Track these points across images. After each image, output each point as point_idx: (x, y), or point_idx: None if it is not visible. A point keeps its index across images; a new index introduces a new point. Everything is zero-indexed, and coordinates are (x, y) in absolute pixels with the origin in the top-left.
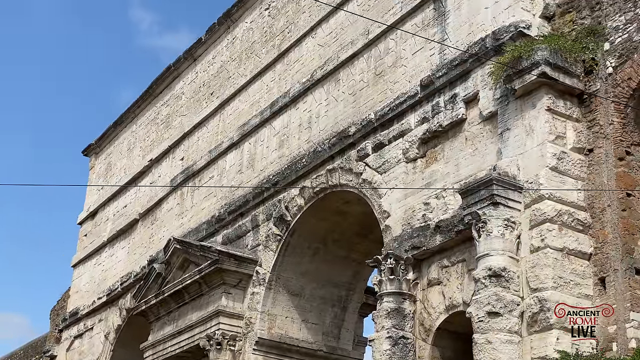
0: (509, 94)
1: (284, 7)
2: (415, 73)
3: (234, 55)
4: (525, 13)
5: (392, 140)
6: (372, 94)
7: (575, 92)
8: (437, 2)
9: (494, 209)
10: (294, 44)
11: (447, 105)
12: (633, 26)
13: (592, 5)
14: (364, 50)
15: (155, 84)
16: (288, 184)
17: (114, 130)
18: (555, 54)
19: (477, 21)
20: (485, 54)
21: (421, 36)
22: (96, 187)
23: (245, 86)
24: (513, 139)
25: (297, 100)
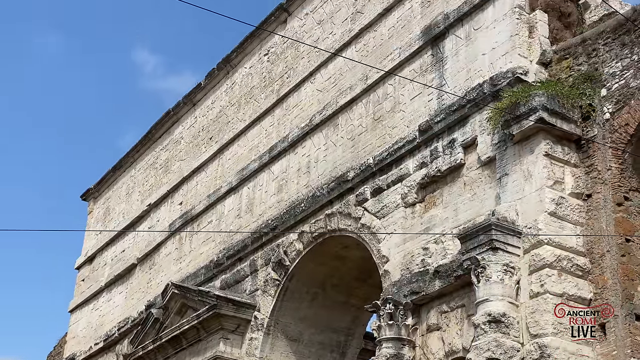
0: (507, 139)
1: (282, 52)
2: (414, 118)
3: (233, 100)
4: (522, 59)
5: (391, 185)
6: (370, 139)
7: (573, 137)
8: (435, 49)
9: (493, 254)
10: (293, 89)
11: (446, 150)
12: (629, 72)
13: (588, 51)
14: (362, 96)
15: (155, 128)
16: (287, 229)
17: (112, 175)
18: (552, 100)
19: (474, 67)
20: (483, 100)
21: (419, 82)
22: (94, 232)
23: (244, 131)
24: (511, 184)
25: (295, 145)
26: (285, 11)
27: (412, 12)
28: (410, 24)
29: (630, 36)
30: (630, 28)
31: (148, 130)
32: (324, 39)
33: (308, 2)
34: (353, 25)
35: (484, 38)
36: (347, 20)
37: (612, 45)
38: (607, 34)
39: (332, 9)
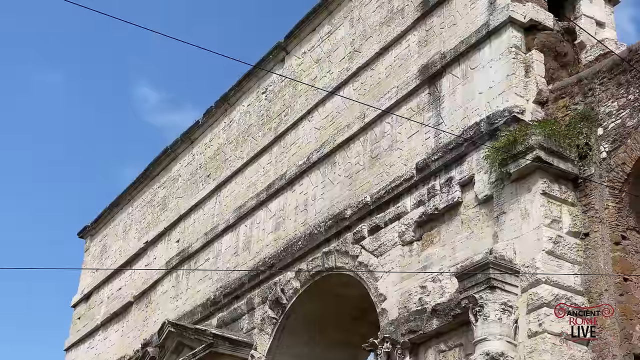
0: (504, 177)
1: (280, 91)
2: (411, 156)
3: (230, 138)
4: (518, 98)
5: (388, 223)
6: (368, 177)
7: (570, 176)
8: (432, 87)
9: (491, 292)
10: (291, 127)
11: (443, 188)
12: (626, 112)
13: (584, 91)
14: (360, 134)
15: (152, 166)
16: (284, 267)
17: (110, 212)
18: (549, 139)
19: (471, 106)
20: (480, 138)
21: (416, 121)
22: (91, 270)
23: (242, 168)
24: (509, 222)
25: (293, 182)
26: (283, 50)
27: (409, 51)
28: (408, 63)
29: (626, 76)
30: (626, 68)
31: (145, 168)
32: (321, 77)
33: (306, 41)
34: (350, 64)
35: (480, 77)
36: (344, 59)
37: (608, 85)
38: (603, 73)
39: (330, 48)
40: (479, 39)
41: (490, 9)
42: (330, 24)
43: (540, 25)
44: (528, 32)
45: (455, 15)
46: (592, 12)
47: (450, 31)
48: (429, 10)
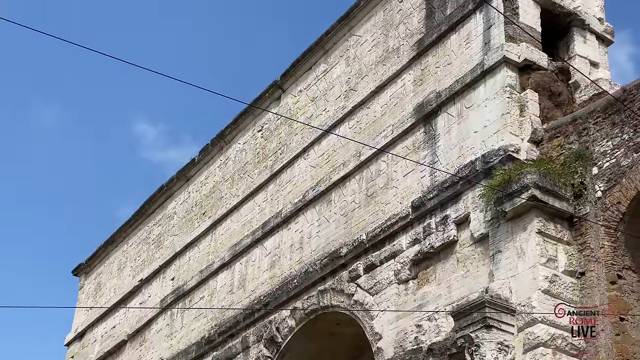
0: (499, 216)
1: (276, 129)
2: (407, 194)
3: (226, 176)
4: (513, 137)
5: (384, 262)
6: (363, 215)
7: (565, 215)
8: (427, 126)
9: (487, 332)
10: (287, 165)
11: (439, 226)
12: (620, 151)
13: (579, 130)
14: (355, 172)
15: (148, 204)
16: (279, 305)
17: (105, 250)
18: (544, 178)
19: (467, 144)
20: (475, 177)
21: (412, 160)
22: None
23: (238, 206)
24: (505, 261)
25: (289, 220)
26: (279, 88)
27: (404, 90)
28: (403, 102)
29: (621, 115)
30: (620, 108)
31: (141, 205)
32: (317, 115)
33: (302, 79)
34: (346, 102)
35: (475, 116)
36: (340, 98)
37: (603, 125)
38: (598, 113)
39: (326, 86)
40: (474, 78)
41: (484, 49)
42: (326, 62)
43: (535, 65)
44: (522, 71)
45: (450, 55)
46: (586, 52)
47: (446, 70)
48: (424, 49)
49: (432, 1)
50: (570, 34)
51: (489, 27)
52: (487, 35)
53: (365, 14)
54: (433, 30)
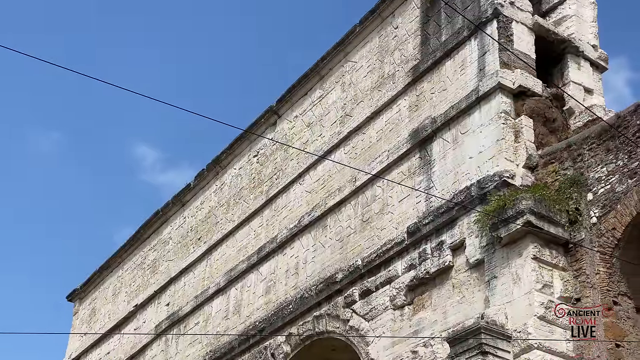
0: (495, 242)
1: (272, 154)
2: (402, 220)
3: (222, 201)
4: (509, 163)
5: (380, 287)
6: (359, 240)
7: (561, 241)
8: (422, 151)
9: (483, 358)
10: (282, 191)
11: (434, 252)
12: (615, 177)
13: (574, 156)
14: (351, 197)
15: (143, 229)
16: (274, 331)
17: (99, 275)
18: (539, 204)
19: (462, 170)
20: (470, 203)
21: (407, 186)
22: (79, 335)
23: (233, 232)
24: (500, 287)
25: (284, 246)
26: (275, 114)
27: (400, 116)
28: (399, 127)
29: (615, 142)
30: (614, 134)
31: (136, 230)
32: (313, 141)
33: (297, 105)
34: (342, 128)
35: (471, 142)
36: (336, 123)
37: (597, 151)
38: (592, 139)
39: (322, 112)
40: (469, 104)
41: (479, 75)
42: (321, 88)
43: (529, 92)
44: (517, 98)
45: (445, 81)
46: (580, 79)
47: (441, 96)
48: (420, 75)
49: (427, 28)
50: (564, 60)
51: (483, 54)
52: (481, 62)
53: (360, 40)
54: (428, 57)
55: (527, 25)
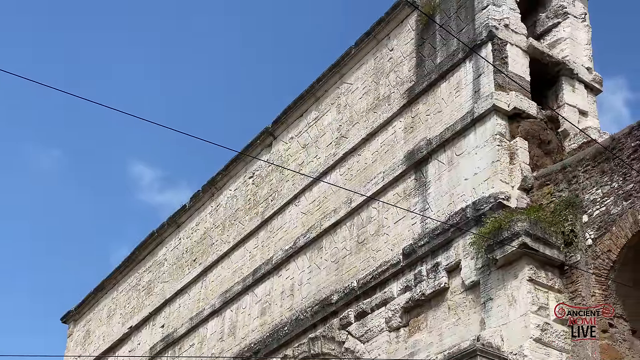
0: (490, 263)
1: (267, 175)
2: (398, 241)
3: (217, 222)
4: (504, 185)
5: (375, 309)
6: (354, 262)
7: (556, 263)
8: (418, 173)
9: None
10: (278, 212)
11: (430, 274)
12: (610, 199)
13: (569, 178)
14: (346, 219)
15: (138, 250)
16: (269, 353)
17: (94, 297)
18: (535, 225)
19: (457, 192)
20: (466, 224)
21: (402, 207)
22: (73, 357)
23: (228, 253)
24: (496, 309)
25: (279, 267)
26: (270, 135)
27: (395, 137)
28: (394, 149)
29: (610, 164)
30: (609, 156)
31: (131, 252)
32: (308, 162)
33: (293, 126)
34: (337, 149)
35: (466, 163)
36: (331, 145)
37: (592, 173)
38: (587, 161)
39: (317, 133)
40: (464, 126)
41: (474, 97)
42: (317, 110)
43: (524, 114)
44: (512, 119)
45: (441, 103)
46: (574, 101)
47: (436, 118)
48: (415, 97)
49: (422, 50)
50: (559, 82)
51: (478, 76)
52: (476, 84)
53: (356, 62)
54: (423, 79)
55: (522, 48)
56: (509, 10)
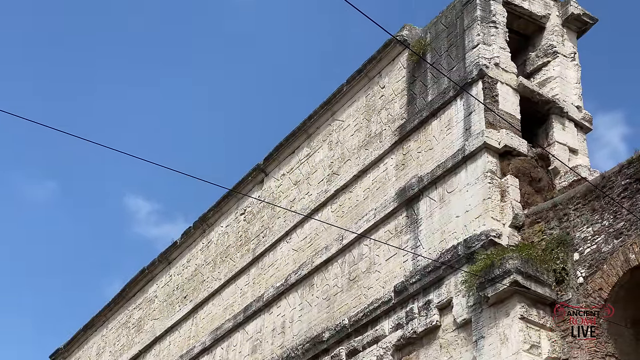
0: (482, 301)
1: (259, 212)
2: (389, 279)
3: (208, 259)
4: (495, 222)
5: (367, 347)
6: (346, 299)
7: (548, 301)
8: (409, 210)
9: None
10: (269, 249)
11: (421, 311)
12: (601, 237)
13: (560, 216)
14: (338, 256)
15: (129, 287)
16: None
17: (83, 334)
18: (526, 263)
19: (448, 229)
20: (457, 262)
21: (393, 245)
22: None
23: (219, 290)
24: (488, 347)
25: (271, 304)
26: (262, 171)
27: (386, 175)
28: (385, 186)
29: (600, 202)
30: (599, 194)
31: (121, 289)
32: (300, 199)
33: (285, 163)
34: (329, 186)
35: (457, 201)
36: (323, 181)
37: (583, 211)
38: (578, 199)
39: (309, 170)
40: (455, 164)
41: (465, 135)
42: (309, 146)
43: (515, 151)
44: (503, 157)
45: (432, 140)
46: (564, 139)
47: (427, 155)
48: (406, 134)
49: (413, 87)
50: (549, 121)
51: (469, 114)
52: (467, 122)
53: (347, 99)
54: (415, 116)
55: (512, 86)
56: (499, 49)
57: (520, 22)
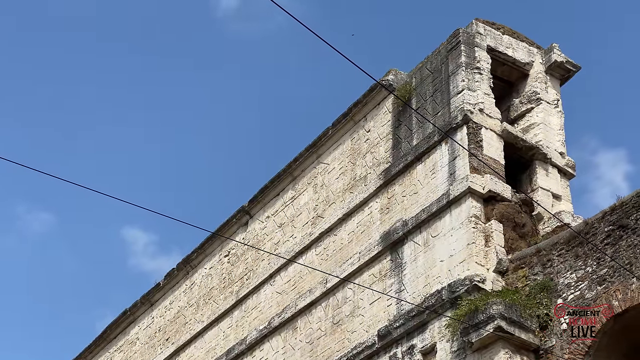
0: (466, 347)
1: (243, 254)
2: (373, 323)
3: (191, 301)
4: (479, 267)
5: None
6: (329, 343)
7: (532, 347)
8: (394, 254)
9: None
10: (253, 291)
11: (405, 356)
12: (584, 284)
13: (543, 262)
14: (322, 299)
15: (110, 329)
16: None
17: None
18: (510, 309)
19: (433, 273)
20: (441, 307)
21: (377, 290)
22: None
23: (202, 332)
24: None
25: (253, 348)
26: (247, 214)
27: (371, 218)
28: (370, 230)
29: (584, 248)
30: (582, 241)
31: (102, 330)
32: (284, 241)
33: (269, 205)
34: (314, 229)
35: (441, 245)
36: (307, 224)
37: (566, 257)
38: (561, 245)
39: (293, 212)
40: (439, 208)
41: (450, 179)
42: (294, 189)
43: (499, 197)
44: (487, 202)
45: (417, 184)
46: (548, 185)
47: (412, 199)
48: (391, 178)
49: (398, 132)
50: (532, 166)
51: (454, 159)
52: (452, 166)
53: (333, 143)
54: (400, 160)
55: (496, 132)
56: (484, 95)
57: (504, 68)
